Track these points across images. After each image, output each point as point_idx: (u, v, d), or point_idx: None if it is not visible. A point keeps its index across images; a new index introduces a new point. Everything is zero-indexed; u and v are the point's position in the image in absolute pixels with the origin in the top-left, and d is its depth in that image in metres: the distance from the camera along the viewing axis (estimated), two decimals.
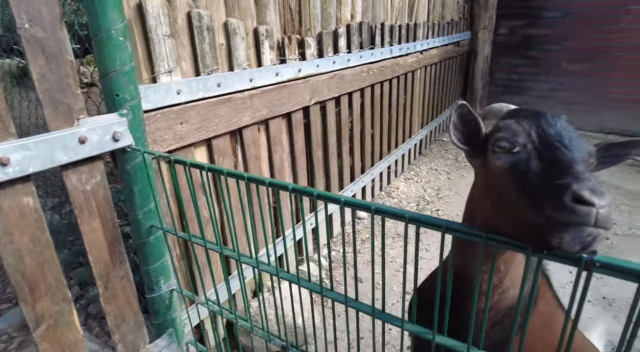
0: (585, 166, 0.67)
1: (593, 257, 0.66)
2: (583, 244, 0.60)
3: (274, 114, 2.12)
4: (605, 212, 0.58)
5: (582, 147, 0.71)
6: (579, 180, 0.62)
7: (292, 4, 2.22)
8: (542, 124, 0.74)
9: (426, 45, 4.02)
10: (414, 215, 0.80)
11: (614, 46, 4.83)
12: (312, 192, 0.93)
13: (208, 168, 1.08)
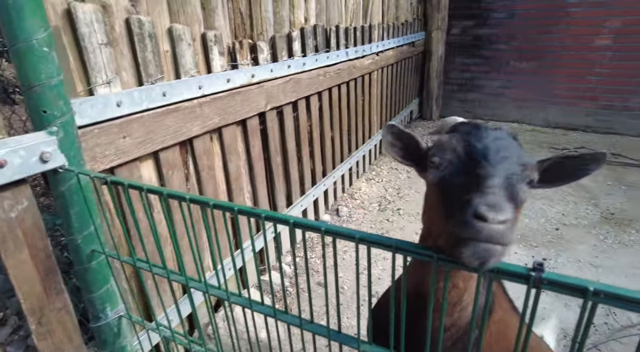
0: (503, 180, 0.65)
1: (541, 275, 0.66)
2: (481, 259, 0.59)
3: (228, 122, 2.05)
4: (499, 228, 0.58)
5: (509, 161, 0.69)
6: (484, 194, 0.61)
7: (242, 8, 2.15)
8: (470, 139, 0.74)
9: (382, 46, 4.05)
10: (364, 235, 0.77)
11: (556, 45, 5.09)
12: (260, 213, 0.88)
13: (147, 189, 1.00)
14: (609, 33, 4.78)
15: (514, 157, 0.71)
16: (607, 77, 4.96)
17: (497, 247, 0.59)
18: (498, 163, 0.68)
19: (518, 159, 0.71)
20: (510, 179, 0.68)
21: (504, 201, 0.61)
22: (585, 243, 3.05)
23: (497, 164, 0.68)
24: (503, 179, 0.67)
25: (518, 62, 5.37)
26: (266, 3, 2.29)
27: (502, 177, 0.67)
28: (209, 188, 2.02)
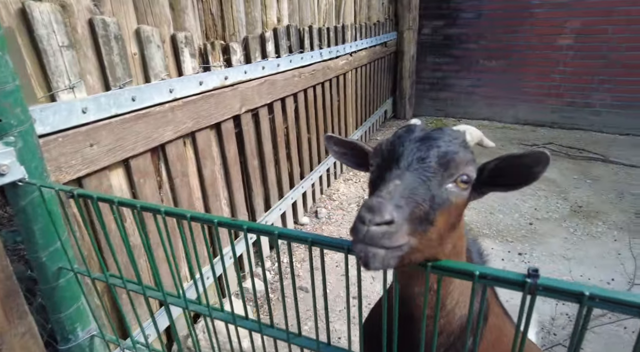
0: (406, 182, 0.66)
1: (537, 281, 0.65)
2: (363, 260, 0.60)
3: (201, 126, 1.97)
4: (376, 231, 0.57)
5: (424, 162, 0.69)
6: (375, 197, 0.61)
7: (213, 9, 2.08)
8: (394, 142, 0.74)
9: (355, 47, 4.04)
10: (317, 238, 0.76)
11: (522, 44, 5.25)
12: (242, 225, 0.84)
13: (119, 202, 0.94)
14: (570, 33, 4.97)
15: (432, 157, 0.70)
16: (570, 75, 5.15)
17: (376, 249, 0.59)
18: (407, 166, 0.69)
19: (439, 158, 0.70)
20: (423, 180, 0.68)
21: (389, 202, 0.61)
22: (557, 236, 3.14)
23: (405, 166, 0.69)
24: (408, 181, 0.67)
25: (487, 61, 5.51)
26: (238, 3, 2.23)
27: (407, 179, 0.67)
28: (183, 195, 1.94)
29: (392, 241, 0.60)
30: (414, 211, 0.65)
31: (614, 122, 5.13)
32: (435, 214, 0.68)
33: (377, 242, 0.59)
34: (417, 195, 0.66)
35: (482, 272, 0.67)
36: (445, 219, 0.71)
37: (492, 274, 0.67)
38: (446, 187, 0.70)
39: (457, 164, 0.71)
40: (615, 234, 3.12)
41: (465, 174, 0.72)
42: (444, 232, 0.72)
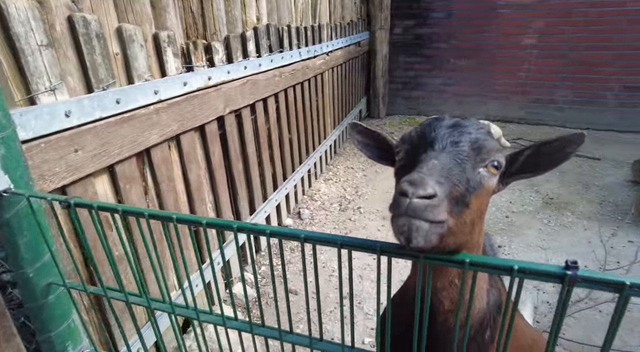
0: (443, 162, 0.67)
1: (576, 273, 0.65)
2: (404, 234, 0.59)
3: (186, 128, 1.90)
4: (419, 203, 0.58)
5: (458, 145, 0.71)
6: (415, 172, 0.63)
7: (193, 7, 2.01)
8: (425, 129, 0.76)
9: (331, 46, 4.04)
10: (346, 240, 0.74)
11: (490, 44, 5.43)
12: (232, 224, 0.80)
13: (123, 210, 0.87)
14: (534, 33, 5.19)
15: (464, 142, 0.72)
16: (535, 73, 5.38)
17: (420, 222, 0.59)
18: (442, 148, 0.71)
19: (472, 143, 0.73)
20: (458, 162, 0.69)
21: (430, 178, 0.62)
22: (533, 228, 3.26)
23: (440, 148, 0.71)
24: (444, 161, 0.69)
25: (457, 60, 5.66)
26: (218, 1, 2.17)
27: (443, 159, 0.69)
28: (169, 200, 1.86)
29: (434, 215, 0.60)
30: (452, 190, 0.66)
31: (576, 117, 5.40)
32: (470, 197, 0.69)
33: (420, 215, 0.59)
34: (453, 175, 0.67)
35: (521, 267, 0.67)
36: (479, 204, 0.72)
37: (531, 269, 0.67)
38: (479, 170, 0.72)
39: (488, 149, 0.73)
40: (585, 224, 3.28)
41: (496, 160, 0.74)
42: (475, 217, 0.72)
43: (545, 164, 0.76)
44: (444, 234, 0.63)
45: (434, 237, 0.62)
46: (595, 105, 5.26)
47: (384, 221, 3.33)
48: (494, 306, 0.95)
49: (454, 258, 0.70)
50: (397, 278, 2.67)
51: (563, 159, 0.74)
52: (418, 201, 0.59)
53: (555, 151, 0.76)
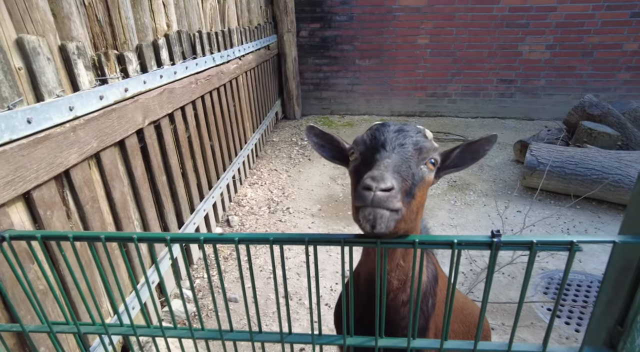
0: (395, 161, 0.82)
1: (500, 239, 0.81)
2: (369, 222, 0.73)
3: (106, 144, 1.79)
4: (381, 195, 0.72)
5: (403, 147, 0.86)
6: (372, 171, 0.77)
7: (99, 15, 1.89)
8: (375, 133, 0.90)
9: (243, 51, 4.04)
10: (314, 236, 0.83)
11: (390, 44, 5.89)
12: (164, 236, 0.84)
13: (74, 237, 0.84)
14: (426, 34, 5.75)
15: (409, 144, 0.87)
16: (430, 70, 5.97)
17: (383, 211, 0.72)
18: (392, 149, 0.85)
19: (414, 145, 0.88)
20: (405, 160, 0.84)
21: (388, 174, 0.76)
22: (443, 208, 3.66)
23: (391, 149, 0.85)
24: (395, 160, 0.82)
25: (362, 61, 6.02)
26: (125, 9, 2.06)
27: (394, 158, 0.83)
28: (95, 223, 1.74)
29: (393, 204, 0.73)
30: (403, 184, 0.80)
31: (466, 107, 6.13)
32: (416, 189, 0.83)
33: (383, 205, 0.72)
34: (403, 171, 0.82)
35: (459, 240, 0.81)
36: (421, 195, 0.87)
37: (467, 240, 0.82)
38: (421, 167, 0.87)
39: (427, 149, 0.88)
40: (484, 200, 3.77)
41: (433, 158, 0.89)
42: (419, 207, 0.87)
43: (468, 159, 0.94)
44: (399, 220, 0.76)
45: (392, 223, 0.75)
46: (480, 96, 6.02)
47: (313, 218, 3.46)
48: (432, 278, 1.11)
49: (405, 240, 0.82)
50: (331, 270, 2.81)
51: (482, 155, 0.92)
52: (380, 193, 0.72)
53: (477, 149, 0.92)
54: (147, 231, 2.22)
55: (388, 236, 0.78)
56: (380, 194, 0.72)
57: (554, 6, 5.36)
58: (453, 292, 0.83)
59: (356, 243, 0.82)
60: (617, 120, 4.07)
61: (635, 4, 5.26)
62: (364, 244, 0.82)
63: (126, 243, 1.98)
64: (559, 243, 0.80)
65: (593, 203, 3.55)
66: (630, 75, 5.63)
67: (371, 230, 0.73)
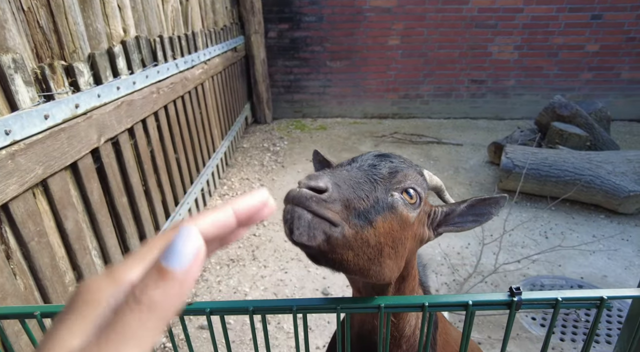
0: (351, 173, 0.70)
1: (521, 298, 0.70)
2: (287, 223, 0.60)
3: (54, 170, 1.58)
4: (303, 190, 0.59)
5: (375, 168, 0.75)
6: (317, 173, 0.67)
7: (42, 21, 1.66)
8: (356, 157, 0.79)
9: (208, 54, 3.82)
10: (302, 303, 0.72)
11: (361, 45, 5.79)
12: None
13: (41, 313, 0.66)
14: (397, 35, 5.70)
15: (383, 166, 0.75)
16: (401, 71, 5.93)
17: (302, 211, 0.58)
18: (359, 166, 0.74)
19: (390, 169, 0.75)
20: (368, 180, 0.71)
21: (327, 177, 0.63)
22: None
23: (357, 166, 0.73)
24: (354, 174, 0.71)
25: (333, 63, 5.90)
26: (74, 14, 1.84)
27: (354, 173, 0.71)
28: (43, 260, 1.52)
29: (320, 208, 0.59)
30: (353, 199, 0.66)
31: (438, 108, 6.13)
32: (376, 217, 0.68)
33: (303, 202, 0.58)
34: (360, 188, 0.68)
35: (475, 301, 0.69)
36: (389, 229, 0.70)
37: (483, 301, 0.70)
38: (392, 193, 0.72)
39: (405, 175, 0.74)
40: None
41: (412, 188, 0.74)
42: (385, 245, 0.70)
43: (470, 221, 0.81)
44: (336, 239, 0.61)
45: (318, 234, 0.60)
46: (452, 97, 6.04)
47: None
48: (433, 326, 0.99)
49: (412, 302, 0.69)
50: (310, 287, 2.66)
51: (487, 219, 0.80)
52: (305, 190, 0.59)
53: (483, 209, 0.80)
54: (108, 260, 2.01)
55: (321, 255, 0.63)
56: (305, 191, 0.59)
57: (520, 7, 5.43)
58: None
59: (355, 309, 0.69)
60: (585, 121, 4.15)
61: (595, 6, 5.40)
62: (364, 309, 0.69)
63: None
64: (587, 299, 0.70)
65: (567, 204, 3.59)
66: (592, 76, 5.80)
67: (289, 234, 0.59)
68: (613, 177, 3.38)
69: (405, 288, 0.86)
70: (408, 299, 0.68)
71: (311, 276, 2.77)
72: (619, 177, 3.39)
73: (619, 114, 5.74)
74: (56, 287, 1.58)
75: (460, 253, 3.05)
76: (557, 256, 2.93)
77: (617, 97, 5.86)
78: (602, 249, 3.03)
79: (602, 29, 5.50)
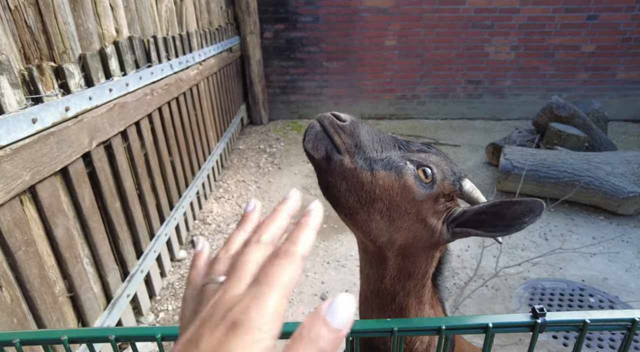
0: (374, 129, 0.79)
1: (545, 320, 0.65)
2: (305, 133, 0.74)
3: (43, 176, 1.51)
4: (327, 114, 0.74)
5: (410, 141, 0.82)
6: None
7: (30, 20, 1.59)
8: None
9: (203, 55, 3.76)
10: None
11: (357, 46, 5.75)
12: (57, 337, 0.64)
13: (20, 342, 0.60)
14: (393, 35, 5.66)
15: (415, 145, 0.80)
16: (398, 71, 5.89)
17: (316, 124, 0.74)
18: (395, 136, 0.83)
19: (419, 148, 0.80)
20: (393, 143, 0.78)
21: (351, 117, 0.75)
22: None
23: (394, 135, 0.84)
24: (377, 131, 0.79)
25: (329, 63, 5.85)
26: (63, 13, 1.77)
27: (385, 136, 0.79)
28: (31, 270, 1.46)
29: (330, 127, 0.72)
30: (365, 144, 0.73)
31: (435, 109, 6.10)
32: (379, 168, 0.72)
33: (321, 120, 0.73)
34: (378, 142, 0.75)
35: (495, 323, 0.65)
36: (387, 185, 0.72)
37: (503, 323, 0.65)
38: (407, 162, 0.74)
39: (430, 158, 0.76)
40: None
41: (430, 167, 0.73)
42: (378, 199, 0.71)
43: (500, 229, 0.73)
44: (334, 163, 0.71)
45: (321, 150, 0.72)
46: (449, 97, 6.01)
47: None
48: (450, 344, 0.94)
49: (426, 326, 0.64)
50: (308, 292, 2.61)
51: (518, 229, 0.71)
52: (328, 113, 0.74)
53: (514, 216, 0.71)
54: (100, 268, 1.94)
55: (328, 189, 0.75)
56: (327, 114, 0.73)
57: (517, 8, 5.42)
58: None
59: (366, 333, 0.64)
60: (583, 121, 4.13)
61: (590, 6, 5.40)
62: (376, 334, 0.64)
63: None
64: (617, 321, 0.65)
65: (566, 205, 3.57)
66: (588, 76, 5.80)
67: (302, 142, 0.73)
68: (612, 178, 3.36)
69: (411, 290, 0.80)
70: (423, 321, 0.63)
71: (309, 281, 2.72)
72: (618, 178, 3.37)
73: (615, 114, 5.74)
74: (45, 298, 1.52)
75: (460, 256, 3.01)
76: (557, 259, 2.90)
77: (612, 97, 5.86)
78: (603, 251, 3.00)
79: (597, 30, 5.50)
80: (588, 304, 2.51)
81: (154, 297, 2.50)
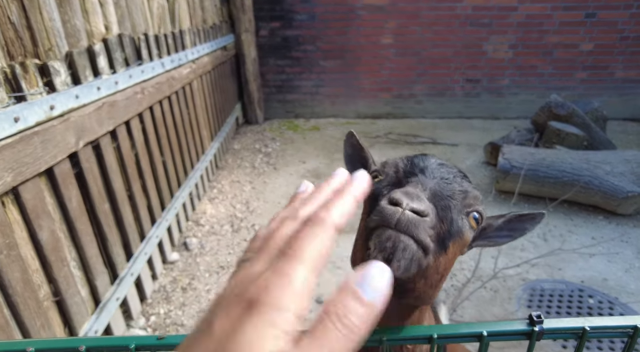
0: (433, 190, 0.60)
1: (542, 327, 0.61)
2: (385, 251, 0.51)
3: (26, 177, 1.46)
4: (411, 215, 0.51)
5: (448, 182, 0.64)
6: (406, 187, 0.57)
7: (13, 17, 1.54)
8: (413, 160, 0.68)
9: (197, 53, 3.71)
10: None
11: (354, 44, 5.70)
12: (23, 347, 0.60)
13: None
14: (390, 33, 5.62)
15: (455, 182, 0.65)
16: (395, 70, 5.85)
17: (407, 239, 0.51)
18: (433, 177, 0.62)
19: (459, 185, 0.65)
20: (446, 196, 0.61)
21: (424, 197, 0.55)
22: None
23: (431, 177, 0.62)
24: (435, 187, 0.61)
25: (325, 62, 5.81)
26: (49, 9, 1.72)
27: (433, 185, 0.61)
28: (13, 275, 1.41)
29: (424, 237, 0.52)
30: (439, 224, 0.57)
31: (433, 108, 6.07)
32: (450, 242, 0.59)
33: (412, 231, 0.50)
34: (441, 206, 0.59)
35: (490, 332, 0.61)
36: (452, 255, 0.62)
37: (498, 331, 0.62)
38: (462, 217, 0.63)
39: (474, 196, 0.64)
40: None
41: (477, 211, 0.65)
42: (444, 272, 0.63)
43: (505, 236, 0.75)
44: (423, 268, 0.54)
45: (414, 267, 0.53)
46: (447, 96, 5.98)
47: None
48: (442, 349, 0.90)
49: (418, 334, 0.60)
50: None
51: (521, 234, 0.74)
52: (411, 214, 0.51)
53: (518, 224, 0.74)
54: (88, 271, 1.89)
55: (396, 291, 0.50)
56: (410, 215, 0.50)
57: (515, 6, 5.38)
58: None
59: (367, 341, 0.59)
60: (581, 120, 4.10)
61: (588, 4, 5.37)
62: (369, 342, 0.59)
63: None
64: (618, 328, 0.61)
65: (565, 205, 3.53)
66: (587, 75, 5.76)
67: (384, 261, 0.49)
68: (611, 178, 3.33)
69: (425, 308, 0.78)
70: (413, 330, 0.59)
71: None
72: (617, 177, 3.34)
73: (613, 113, 5.71)
74: (29, 303, 1.47)
75: (458, 257, 2.97)
76: (556, 259, 2.87)
77: (611, 96, 5.83)
78: (602, 251, 2.97)
79: (596, 28, 5.47)
80: (587, 305, 2.48)
81: (145, 300, 2.45)
